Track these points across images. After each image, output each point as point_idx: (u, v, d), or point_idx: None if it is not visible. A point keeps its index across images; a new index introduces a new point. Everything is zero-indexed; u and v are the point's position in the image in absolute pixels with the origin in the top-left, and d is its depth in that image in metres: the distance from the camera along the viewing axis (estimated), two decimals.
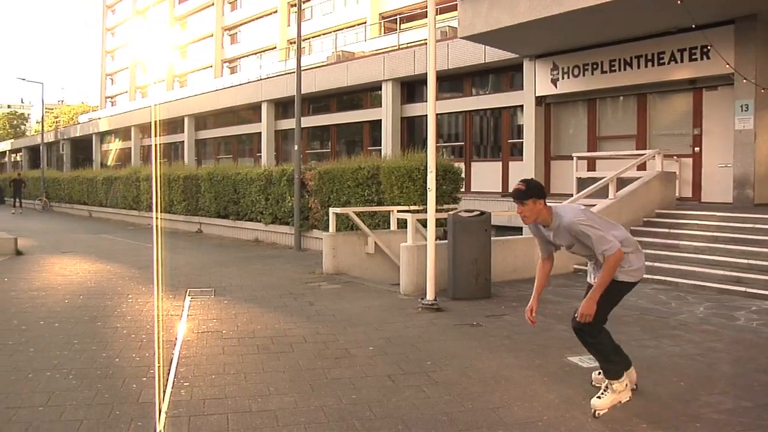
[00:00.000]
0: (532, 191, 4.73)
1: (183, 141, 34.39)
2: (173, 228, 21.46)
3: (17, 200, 35.27)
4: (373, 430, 4.54)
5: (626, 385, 4.88)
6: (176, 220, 21.59)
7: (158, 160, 33.99)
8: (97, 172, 32.82)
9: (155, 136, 38.99)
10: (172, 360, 6.24)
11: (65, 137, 51.98)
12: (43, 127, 46.65)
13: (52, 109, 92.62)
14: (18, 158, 66.05)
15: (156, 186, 22.59)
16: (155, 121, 37.92)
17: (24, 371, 5.89)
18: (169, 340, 7.00)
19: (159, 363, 6.12)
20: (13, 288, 10.50)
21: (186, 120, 33.80)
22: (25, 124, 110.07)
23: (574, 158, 15.25)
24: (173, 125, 35.45)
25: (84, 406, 5.01)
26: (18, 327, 7.68)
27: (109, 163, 42.86)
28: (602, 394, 4.82)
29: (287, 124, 26.85)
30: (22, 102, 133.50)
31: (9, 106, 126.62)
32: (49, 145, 48.92)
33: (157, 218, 22.52)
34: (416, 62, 20.48)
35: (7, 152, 70.99)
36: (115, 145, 44.23)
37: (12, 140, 75.18)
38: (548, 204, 4.81)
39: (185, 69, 63.45)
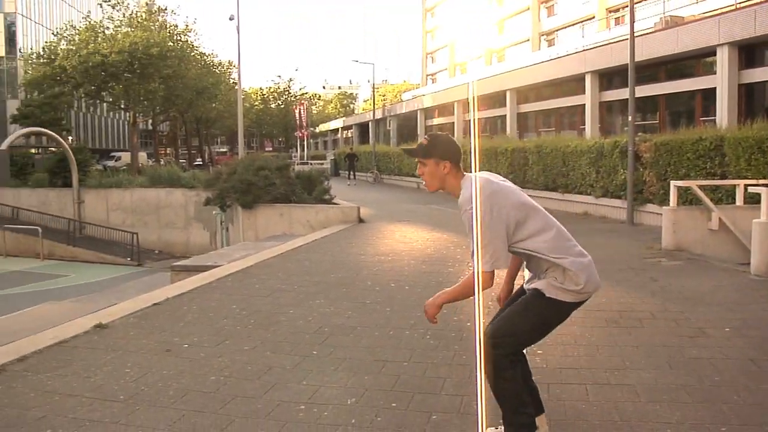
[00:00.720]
0: (436, 148, 3.52)
1: (504, 115, 34.80)
2: None
3: (351, 173, 38.45)
4: (743, 416, 4.21)
5: None
6: None
7: (479, 134, 34.75)
8: None
9: (474, 110, 39.92)
10: None
11: (391, 114, 55.44)
12: (374, 105, 50.20)
13: (378, 88, 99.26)
14: (349, 134, 71.97)
15: (477, 159, 23.02)
16: (474, 96, 38.82)
17: (385, 328, 6.35)
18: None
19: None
20: (362, 252, 11.43)
21: (508, 94, 34.12)
22: (353, 103, 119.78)
23: None
24: (493, 99, 36.00)
25: (444, 365, 5.26)
26: (372, 287, 8.33)
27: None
28: None
29: (611, 95, 25.89)
30: (350, 83, 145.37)
31: (339, 87, 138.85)
32: (377, 121, 52.43)
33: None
34: (757, 22, 18.48)
35: (340, 129, 77.82)
36: (438, 120, 46.17)
37: (344, 118, 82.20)
38: (465, 172, 3.58)
39: (502, 44, 64.20)
